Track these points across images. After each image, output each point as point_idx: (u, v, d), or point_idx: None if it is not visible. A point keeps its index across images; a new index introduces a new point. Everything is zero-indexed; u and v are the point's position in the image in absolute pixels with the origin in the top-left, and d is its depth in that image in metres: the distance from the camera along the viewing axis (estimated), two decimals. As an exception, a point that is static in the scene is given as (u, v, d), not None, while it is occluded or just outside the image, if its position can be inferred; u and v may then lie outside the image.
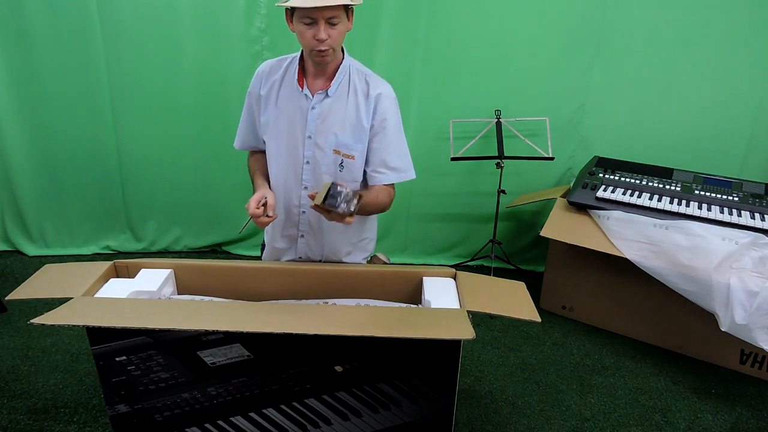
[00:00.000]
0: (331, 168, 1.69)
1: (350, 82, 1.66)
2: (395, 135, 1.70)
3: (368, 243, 1.93)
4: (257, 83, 1.73)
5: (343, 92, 1.65)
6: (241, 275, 1.72)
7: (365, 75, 1.69)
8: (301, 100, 1.66)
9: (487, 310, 1.52)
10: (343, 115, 1.66)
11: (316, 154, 1.68)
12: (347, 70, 1.67)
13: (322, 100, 1.65)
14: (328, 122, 1.66)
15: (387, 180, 1.72)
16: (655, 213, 2.60)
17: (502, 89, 3.13)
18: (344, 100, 1.65)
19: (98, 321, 1.35)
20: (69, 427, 2.09)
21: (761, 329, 2.20)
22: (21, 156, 3.25)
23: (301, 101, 1.66)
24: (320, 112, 1.65)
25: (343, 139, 1.66)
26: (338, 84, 1.65)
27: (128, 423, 1.52)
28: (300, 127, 1.67)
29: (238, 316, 1.41)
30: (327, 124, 1.66)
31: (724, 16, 2.86)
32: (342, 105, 1.65)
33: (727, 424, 2.25)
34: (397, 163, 1.72)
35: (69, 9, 2.97)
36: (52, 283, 1.59)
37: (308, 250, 1.84)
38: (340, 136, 1.66)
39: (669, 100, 3.06)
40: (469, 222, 3.46)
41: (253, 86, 1.74)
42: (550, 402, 2.33)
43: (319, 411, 1.52)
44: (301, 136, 1.68)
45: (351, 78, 1.67)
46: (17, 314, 2.80)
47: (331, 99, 1.65)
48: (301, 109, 1.66)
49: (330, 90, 1.64)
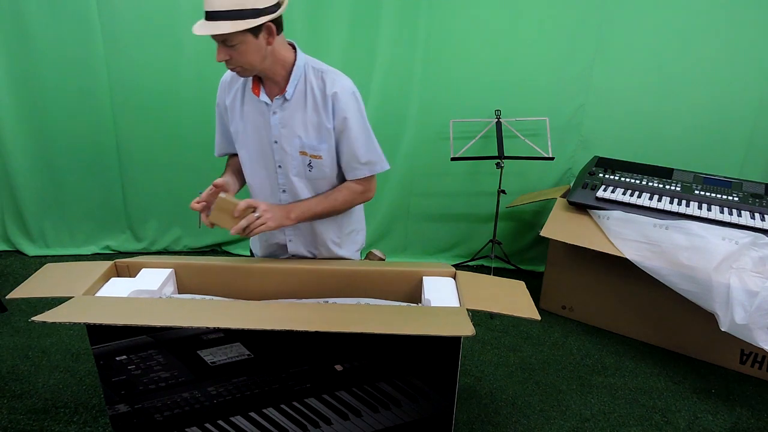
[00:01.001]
0: (300, 170, 1.70)
1: (307, 83, 1.64)
2: (359, 129, 1.67)
3: (356, 234, 1.93)
4: (222, 94, 1.74)
5: (300, 94, 1.64)
6: (241, 275, 1.72)
7: (321, 73, 1.65)
8: (261, 107, 1.66)
9: (487, 308, 1.52)
10: (304, 117, 1.64)
11: (284, 158, 1.69)
12: (302, 70, 1.64)
13: (282, 104, 1.64)
14: (291, 126, 1.65)
15: (361, 174, 1.72)
16: (655, 213, 2.60)
17: (502, 89, 3.13)
18: (303, 101, 1.64)
19: (99, 318, 1.35)
20: (69, 427, 2.09)
21: (761, 329, 2.20)
22: (21, 156, 3.25)
23: (262, 108, 1.66)
24: (281, 117, 1.65)
25: (307, 141, 1.66)
26: (294, 86, 1.63)
27: (128, 423, 1.52)
28: (266, 133, 1.68)
29: (239, 314, 1.41)
30: (290, 128, 1.66)
31: (724, 16, 2.86)
32: (301, 107, 1.64)
33: (727, 424, 2.25)
34: (367, 157, 1.71)
35: (69, 9, 2.97)
36: (53, 283, 1.59)
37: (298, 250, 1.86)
38: (305, 138, 1.66)
39: (669, 100, 3.06)
40: (469, 222, 3.47)
41: (219, 97, 1.75)
42: (550, 402, 2.33)
43: (319, 410, 1.52)
44: (268, 142, 1.69)
45: (307, 78, 1.64)
46: (17, 314, 2.80)
47: (291, 102, 1.64)
48: (264, 116, 1.67)
49: (287, 94, 1.62)
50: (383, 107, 3.19)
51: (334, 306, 1.52)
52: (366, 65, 3.11)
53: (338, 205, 1.75)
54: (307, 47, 3.54)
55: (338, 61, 3.08)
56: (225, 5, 1.43)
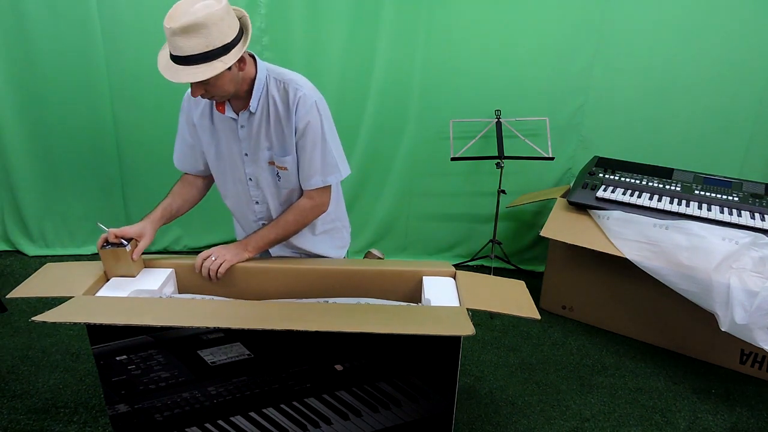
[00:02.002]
0: (269, 180, 1.71)
1: (269, 95, 1.61)
2: (316, 139, 1.63)
3: (340, 230, 1.94)
4: (189, 109, 1.71)
5: (264, 106, 1.62)
6: (241, 275, 1.72)
7: (284, 83, 1.61)
8: (229, 122, 1.66)
9: (487, 307, 1.52)
10: (269, 129, 1.64)
11: (255, 171, 1.70)
12: (264, 82, 1.61)
13: (248, 118, 1.63)
14: (258, 138, 1.65)
15: (314, 185, 1.69)
16: (655, 213, 2.60)
17: (502, 89, 3.13)
18: (266, 113, 1.63)
19: (99, 318, 1.35)
20: (69, 427, 2.09)
21: (761, 329, 2.20)
22: (21, 156, 3.25)
23: (230, 123, 1.66)
24: (248, 130, 1.65)
25: (273, 152, 1.66)
26: (258, 99, 1.60)
27: (128, 423, 1.52)
28: (236, 147, 1.68)
29: (239, 314, 1.41)
30: (258, 140, 1.65)
31: (724, 15, 2.86)
32: (266, 119, 1.63)
33: (727, 424, 2.25)
34: (320, 167, 1.67)
35: (69, 8, 2.97)
36: (53, 282, 1.59)
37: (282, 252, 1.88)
38: (272, 149, 1.66)
39: (669, 100, 3.06)
40: (469, 222, 3.47)
41: (186, 111, 1.73)
42: (550, 402, 2.33)
43: (319, 410, 1.52)
44: (239, 155, 1.69)
45: (269, 90, 1.61)
46: (17, 314, 2.79)
47: (255, 115, 1.62)
48: (232, 130, 1.66)
49: (251, 107, 1.61)
50: (383, 107, 3.19)
51: (334, 306, 1.52)
52: (366, 65, 3.10)
53: (290, 227, 1.74)
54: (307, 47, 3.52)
55: (338, 61, 3.08)
56: (195, 49, 1.39)
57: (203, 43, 1.39)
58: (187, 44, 1.39)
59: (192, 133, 1.75)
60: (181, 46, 1.39)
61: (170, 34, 1.38)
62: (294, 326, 1.32)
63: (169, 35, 1.39)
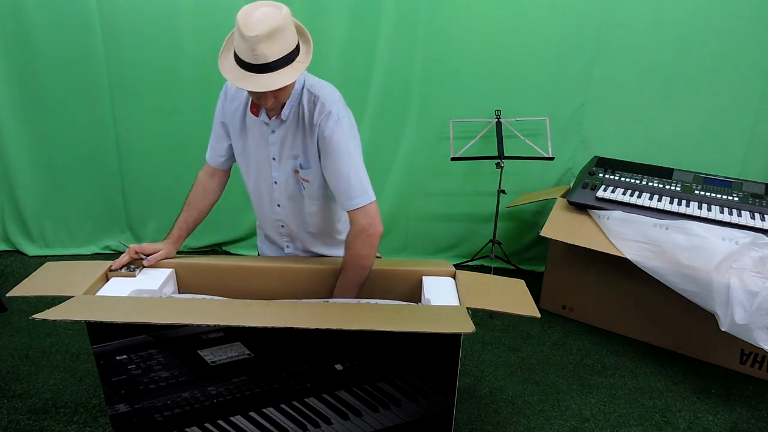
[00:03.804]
0: (295, 188, 1.71)
1: (300, 106, 1.61)
2: (343, 160, 1.61)
3: None
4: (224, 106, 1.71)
5: (294, 116, 1.62)
6: (241, 275, 1.72)
7: (315, 97, 1.60)
8: (261, 125, 1.66)
9: (487, 307, 1.52)
10: (297, 139, 1.64)
11: (281, 175, 1.70)
12: (299, 93, 1.60)
13: (279, 124, 1.63)
14: (287, 145, 1.65)
15: (348, 207, 1.67)
16: (655, 213, 2.60)
17: (502, 89, 3.13)
18: (296, 123, 1.62)
19: (99, 316, 1.35)
20: (69, 427, 2.09)
21: (761, 329, 2.20)
22: (21, 156, 3.25)
23: (261, 126, 1.66)
24: (279, 136, 1.65)
25: (301, 162, 1.66)
26: (290, 108, 1.60)
27: (128, 423, 1.52)
28: (265, 150, 1.68)
29: (239, 313, 1.41)
30: (286, 147, 1.65)
31: (723, 16, 2.86)
32: (294, 128, 1.63)
33: (727, 424, 2.25)
34: (348, 190, 1.64)
35: (69, 9, 2.97)
36: (53, 281, 1.59)
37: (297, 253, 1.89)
38: (298, 158, 1.66)
39: (669, 100, 3.06)
40: (469, 222, 3.47)
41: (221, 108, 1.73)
42: (550, 402, 2.33)
43: (319, 410, 1.52)
44: (267, 159, 1.69)
45: (301, 102, 1.61)
46: (17, 314, 2.79)
47: (287, 123, 1.63)
48: (263, 134, 1.67)
49: (283, 115, 1.60)
50: (383, 107, 3.18)
51: (334, 305, 1.52)
52: (366, 65, 3.10)
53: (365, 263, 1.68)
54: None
55: (338, 61, 3.08)
56: (279, 53, 1.39)
57: (284, 46, 1.40)
58: (270, 50, 1.38)
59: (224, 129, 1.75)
60: (265, 53, 1.38)
61: (254, 42, 1.36)
62: (294, 325, 1.32)
63: (253, 44, 1.36)
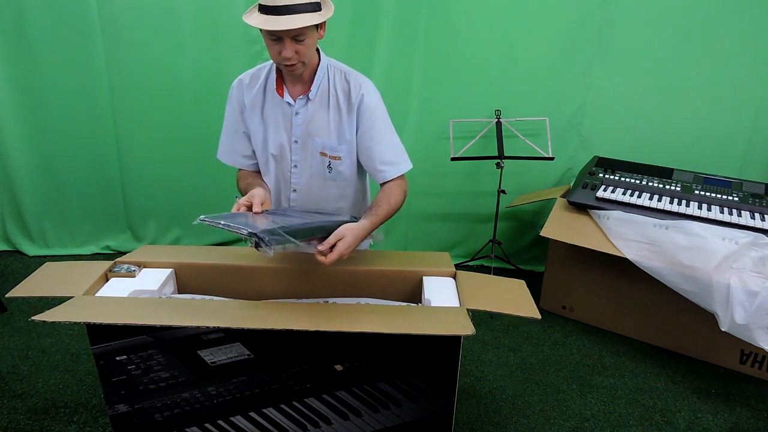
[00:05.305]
0: (319, 170, 1.71)
1: (330, 83, 1.65)
2: (384, 130, 1.69)
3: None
4: (239, 95, 1.72)
5: (324, 94, 1.65)
6: (241, 275, 1.72)
7: (345, 74, 1.67)
8: (284, 106, 1.66)
9: (487, 308, 1.52)
10: (326, 118, 1.65)
11: (303, 158, 1.70)
12: (325, 71, 1.65)
13: (305, 104, 1.65)
14: (313, 126, 1.66)
15: (389, 175, 1.72)
16: (655, 213, 2.60)
17: (502, 89, 3.13)
18: (326, 102, 1.65)
19: (99, 318, 1.35)
20: (69, 427, 2.09)
21: (761, 329, 2.20)
22: (21, 156, 3.25)
23: (284, 108, 1.67)
24: (304, 117, 1.66)
25: (328, 142, 1.67)
26: (318, 86, 1.64)
27: (128, 423, 1.52)
28: (286, 132, 1.68)
29: (239, 314, 1.41)
30: (312, 128, 1.66)
31: (724, 15, 2.86)
32: (324, 107, 1.65)
33: (727, 424, 2.25)
34: (392, 157, 1.72)
35: (69, 9, 2.97)
36: (53, 282, 1.59)
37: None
38: (326, 138, 1.67)
39: (669, 100, 3.06)
40: (469, 222, 3.47)
41: (236, 98, 1.73)
42: (550, 402, 2.33)
43: (319, 410, 1.52)
44: (288, 142, 1.69)
45: (330, 79, 1.65)
46: (17, 314, 2.80)
47: (314, 102, 1.65)
48: (285, 116, 1.67)
49: (311, 94, 1.63)
50: (383, 107, 3.19)
51: (334, 306, 1.52)
52: (366, 65, 3.10)
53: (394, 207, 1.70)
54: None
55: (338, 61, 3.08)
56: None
57: None
58: None
59: (241, 121, 1.75)
60: None
61: None
62: (294, 326, 1.32)
63: None
